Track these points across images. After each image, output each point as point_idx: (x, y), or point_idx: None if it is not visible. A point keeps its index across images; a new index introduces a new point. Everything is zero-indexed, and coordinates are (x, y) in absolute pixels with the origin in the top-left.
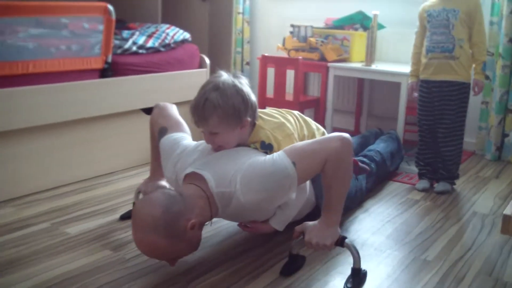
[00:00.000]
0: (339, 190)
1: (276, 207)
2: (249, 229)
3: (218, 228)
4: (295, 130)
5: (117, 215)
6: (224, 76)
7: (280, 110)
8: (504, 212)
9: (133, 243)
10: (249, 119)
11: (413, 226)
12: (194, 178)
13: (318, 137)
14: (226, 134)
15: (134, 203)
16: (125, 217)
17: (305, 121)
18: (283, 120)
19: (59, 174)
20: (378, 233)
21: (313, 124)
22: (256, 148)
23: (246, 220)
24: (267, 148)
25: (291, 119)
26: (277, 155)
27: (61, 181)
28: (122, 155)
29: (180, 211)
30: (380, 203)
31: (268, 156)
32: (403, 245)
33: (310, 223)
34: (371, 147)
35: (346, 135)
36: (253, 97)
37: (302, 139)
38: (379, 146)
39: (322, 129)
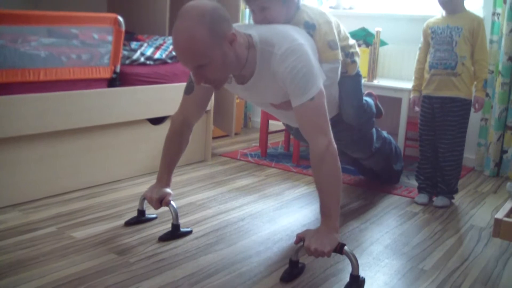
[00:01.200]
0: (331, 193)
1: None
2: (278, 107)
3: (222, 235)
4: (333, 22)
5: (122, 221)
6: None
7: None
8: (495, 216)
9: (137, 248)
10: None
11: (411, 237)
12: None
13: (356, 56)
14: (276, 9)
15: (139, 210)
16: (130, 223)
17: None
18: (322, 10)
19: (67, 180)
20: (377, 243)
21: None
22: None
23: (271, 99)
24: (310, 27)
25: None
26: (319, 80)
27: (69, 187)
28: (128, 163)
29: (227, 18)
30: (379, 215)
31: (319, 68)
32: (401, 255)
33: (311, 230)
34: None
35: (336, 150)
36: None
37: (338, 33)
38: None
39: (354, 41)
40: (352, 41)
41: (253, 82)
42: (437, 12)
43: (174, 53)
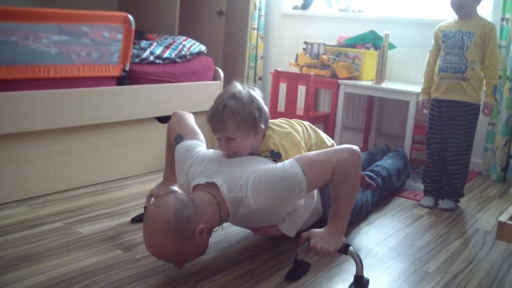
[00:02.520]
0: (347, 200)
1: (285, 213)
2: (260, 233)
3: (228, 234)
4: (302, 139)
5: (128, 218)
6: (239, 86)
7: (289, 120)
8: (499, 219)
9: (143, 244)
10: (263, 126)
11: (416, 239)
12: (206, 186)
13: (328, 148)
14: (242, 140)
15: (145, 207)
16: (137, 220)
17: (314, 130)
18: (290, 129)
19: (75, 177)
20: (382, 244)
21: (323, 134)
22: (266, 157)
23: (254, 225)
24: (276, 156)
25: (299, 129)
26: (287, 163)
27: (76, 183)
28: (136, 161)
29: (191, 216)
30: (385, 217)
31: (279, 164)
32: (405, 257)
33: (317, 230)
34: (378, 163)
35: (355, 147)
36: (266, 107)
37: (309, 147)
38: (386, 163)
39: (332, 140)
40: (330, 143)
41: (232, 219)
42: (446, 16)
43: (183, 53)
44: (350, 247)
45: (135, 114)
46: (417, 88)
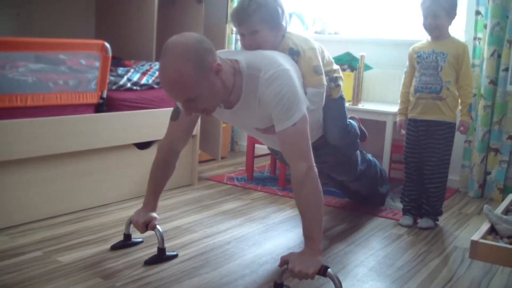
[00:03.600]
0: (312, 215)
1: None
2: (268, 132)
3: (207, 259)
4: (317, 48)
5: (108, 245)
6: None
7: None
8: (471, 238)
9: (124, 271)
10: (284, 24)
11: (395, 259)
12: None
13: (340, 80)
14: (265, 34)
15: (125, 234)
16: (116, 247)
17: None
18: (307, 37)
19: (54, 205)
20: (361, 265)
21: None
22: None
23: (257, 124)
24: (295, 54)
25: (314, 42)
26: (303, 106)
27: (56, 211)
28: (115, 187)
29: (211, 50)
30: (364, 237)
31: (303, 94)
32: (385, 277)
33: (295, 253)
34: None
35: (317, 175)
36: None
37: (322, 59)
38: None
39: (337, 66)
40: (336, 66)
41: (240, 106)
42: (421, 37)
43: None
44: (329, 269)
45: (113, 141)
46: (394, 108)
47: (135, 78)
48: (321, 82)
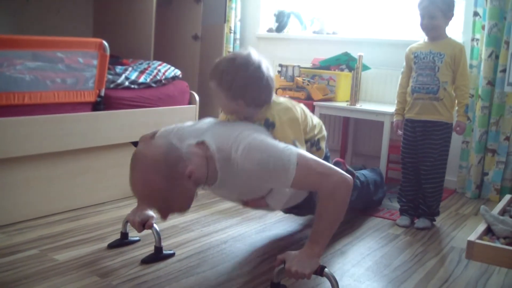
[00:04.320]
0: (329, 224)
1: (268, 189)
2: (248, 205)
3: (204, 258)
4: (300, 118)
5: (105, 244)
6: (262, 63)
7: (290, 99)
8: (468, 238)
9: (120, 270)
10: (241, 102)
11: (392, 259)
12: (196, 145)
13: (323, 141)
14: (220, 98)
15: (122, 232)
16: (113, 245)
17: (309, 116)
18: (289, 105)
19: (51, 203)
20: (358, 265)
21: (315, 119)
22: (260, 125)
23: (240, 194)
24: (269, 125)
25: (298, 108)
26: (289, 149)
27: (52, 209)
28: (112, 186)
29: (180, 157)
30: (361, 237)
31: (281, 143)
32: (382, 277)
33: (292, 252)
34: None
35: (351, 179)
36: (265, 91)
37: (304, 127)
38: (364, 172)
39: (321, 122)
40: (318, 125)
41: (219, 185)
42: (419, 37)
43: (158, 77)
44: (326, 269)
45: (111, 139)
46: (391, 109)
47: (133, 76)
48: None
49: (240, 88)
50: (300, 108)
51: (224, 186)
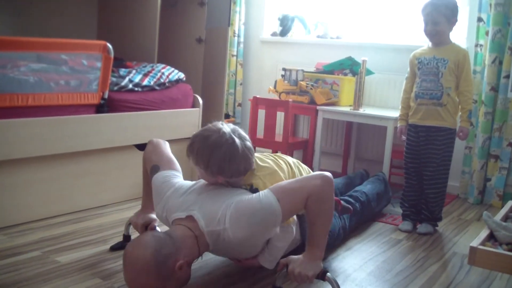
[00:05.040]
0: (322, 225)
1: (264, 242)
2: (241, 264)
3: (207, 261)
4: (285, 179)
5: (107, 246)
6: (235, 141)
7: (275, 155)
8: (470, 244)
9: (122, 273)
10: (222, 178)
11: (394, 264)
12: (185, 219)
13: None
14: (204, 175)
15: (124, 235)
16: (116, 248)
17: (298, 167)
18: (276, 168)
19: (53, 205)
20: (360, 270)
21: (308, 169)
22: (246, 189)
23: (235, 255)
24: (254, 192)
25: (284, 167)
26: (263, 193)
27: (55, 211)
28: (115, 188)
29: (169, 254)
30: (363, 242)
31: (255, 194)
32: (383, 282)
33: (295, 256)
34: (357, 188)
35: (327, 173)
36: (242, 163)
37: None
38: (366, 188)
39: None
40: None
41: (212, 251)
42: (423, 43)
43: (162, 80)
44: (328, 273)
45: (114, 142)
46: (395, 113)
47: (137, 79)
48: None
49: (217, 167)
50: (287, 164)
51: (217, 250)
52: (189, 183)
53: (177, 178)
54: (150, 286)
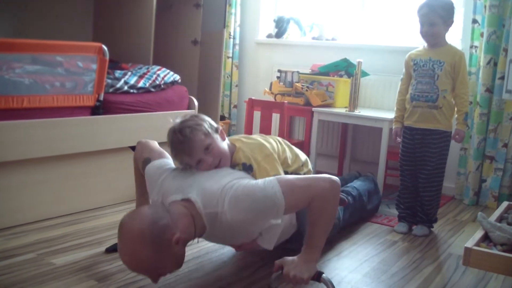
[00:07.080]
0: (323, 228)
1: (262, 229)
2: (241, 249)
3: (202, 262)
4: (274, 151)
5: (102, 248)
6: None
7: (263, 135)
8: (465, 245)
9: (117, 275)
10: (218, 125)
11: (390, 265)
12: (182, 201)
13: (308, 174)
14: (216, 143)
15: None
16: (111, 250)
17: (288, 146)
18: (262, 141)
19: (48, 207)
20: (356, 271)
21: (297, 150)
22: (240, 170)
23: (231, 241)
24: (248, 169)
25: (272, 141)
26: (269, 181)
27: (50, 213)
28: (110, 190)
29: (166, 225)
30: (359, 243)
31: (260, 181)
32: (379, 283)
33: (290, 258)
34: (348, 184)
35: (336, 178)
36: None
37: (283, 161)
38: (356, 184)
39: (305, 156)
40: (303, 157)
41: (209, 233)
42: (418, 44)
43: (157, 82)
44: (323, 275)
45: (109, 143)
46: (390, 115)
47: (132, 81)
48: None
49: (202, 120)
50: (276, 140)
51: (214, 236)
52: (182, 167)
53: (170, 164)
54: (145, 259)
